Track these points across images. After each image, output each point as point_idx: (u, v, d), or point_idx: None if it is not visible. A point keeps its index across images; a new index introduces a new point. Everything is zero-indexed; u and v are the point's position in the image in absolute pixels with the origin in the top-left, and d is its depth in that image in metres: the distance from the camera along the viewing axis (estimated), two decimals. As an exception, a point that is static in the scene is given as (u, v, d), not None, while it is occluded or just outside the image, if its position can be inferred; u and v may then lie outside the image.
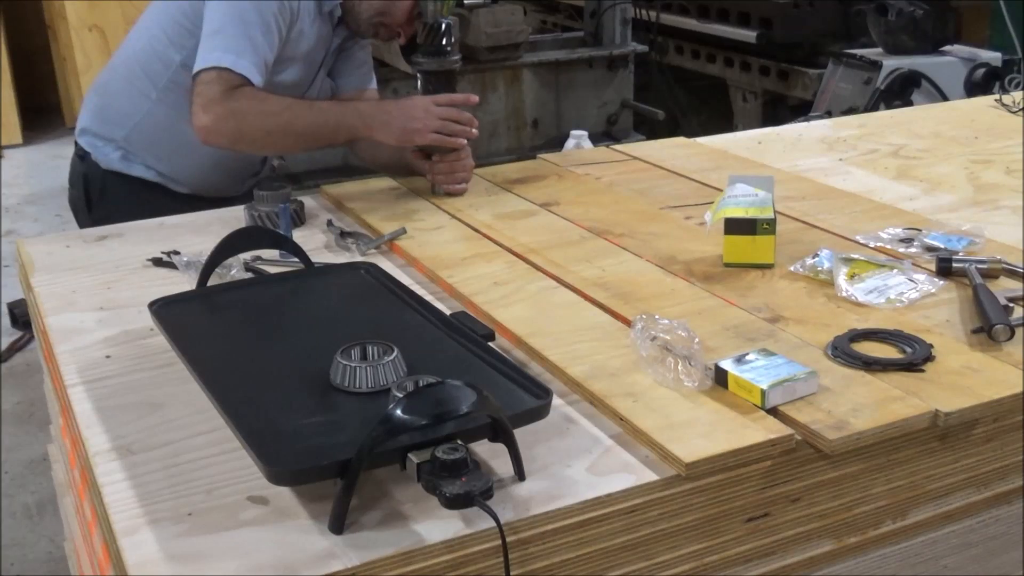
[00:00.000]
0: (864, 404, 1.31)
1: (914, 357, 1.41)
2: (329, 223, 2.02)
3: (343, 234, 1.95)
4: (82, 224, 2.34)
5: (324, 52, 2.24)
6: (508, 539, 1.09)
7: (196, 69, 2.01)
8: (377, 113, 2.07)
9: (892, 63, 4.58)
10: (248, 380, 1.34)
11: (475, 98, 2.13)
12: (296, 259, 1.71)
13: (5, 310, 4.17)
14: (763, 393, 1.29)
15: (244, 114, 2.00)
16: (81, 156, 2.33)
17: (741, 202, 1.78)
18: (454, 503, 1.07)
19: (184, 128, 2.07)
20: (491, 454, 1.22)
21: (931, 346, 1.43)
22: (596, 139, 4.07)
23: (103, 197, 2.31)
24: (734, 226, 1.75)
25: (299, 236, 1.92)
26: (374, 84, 2.40)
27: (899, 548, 1.40)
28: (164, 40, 2.17)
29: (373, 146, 2.21)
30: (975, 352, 1.45)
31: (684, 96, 6.12)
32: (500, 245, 1.88)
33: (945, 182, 2.23)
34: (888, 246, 1.82)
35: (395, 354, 1.31)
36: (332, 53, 2.28)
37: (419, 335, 1.45)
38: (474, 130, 2.12)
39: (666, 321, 1.42)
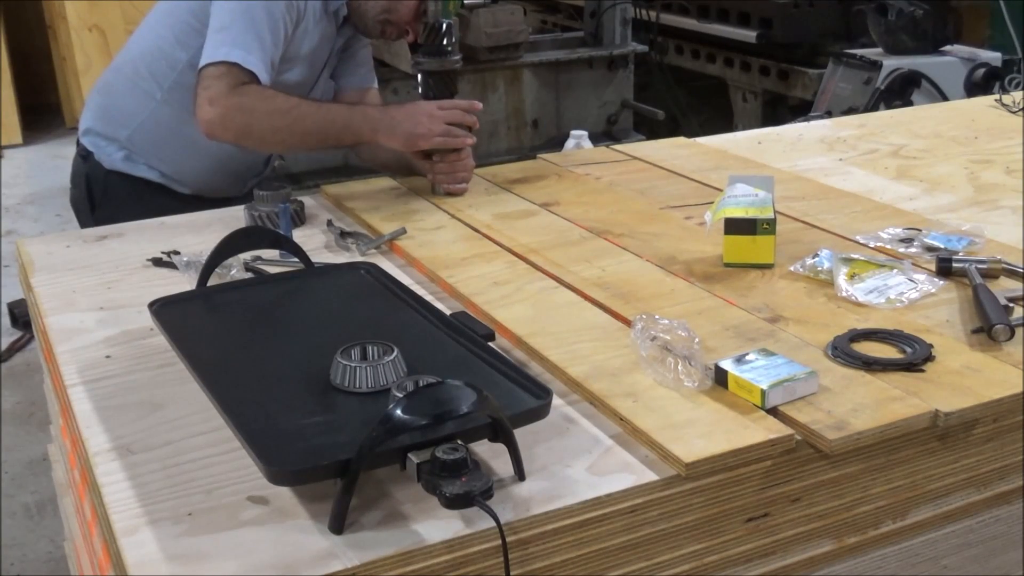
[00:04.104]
0: (864, 404, 1.31)
1: (914, 357, 1.41)
2: (329, 223, 2.03)
3: (343, 234, 1.95)
4: (84, 224, 2.34)
5: (328, 52, 2.25)
6: (508, 539, 1.09)
7: (203, 63, 2.01)
8: (383, 118, 2.08)
9: (892, 63, 4.58)
10: (248, 380, 1.34)
11: (479, 105, 2.13)
12: (296, 259, 1.71)
13: (5, 310, 4.18)
14: (763, 393, 1.29)
15: (252, 110, 2.00)
16: (84, 156, 2.33)
17: (741, 202, 1.78)
18: (454, 503, 1.07)
19: (188, 129, 2.07)
20: (491, 454, 1.22)
21: (931, 346, 1.43)
22: (596, 139, 4.07)
23: (106, 197, 2.31)
24: (734, 226, 1.75)
25: (299, 236, 1.92)
26: (375, 84, 2.41)
27: (899, 548, 1.40)
28: (171, 40, 2.17)
29: (373, 145, 2.21)
30: (975, 352, 1.45)
31: (684, 96, 6.12)
32: (500, 245, 1.88)
33: (945, 182, 2.23)
34: (888, 246, 1.82)
35: (395, 354, 1.31)
36: (336, 54, 2.28)
37: (419, 335, 1.45)
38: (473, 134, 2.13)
39: (666, 321, 1.42)
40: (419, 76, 2.17)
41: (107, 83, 2.34)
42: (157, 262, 1.86)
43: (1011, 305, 1.55)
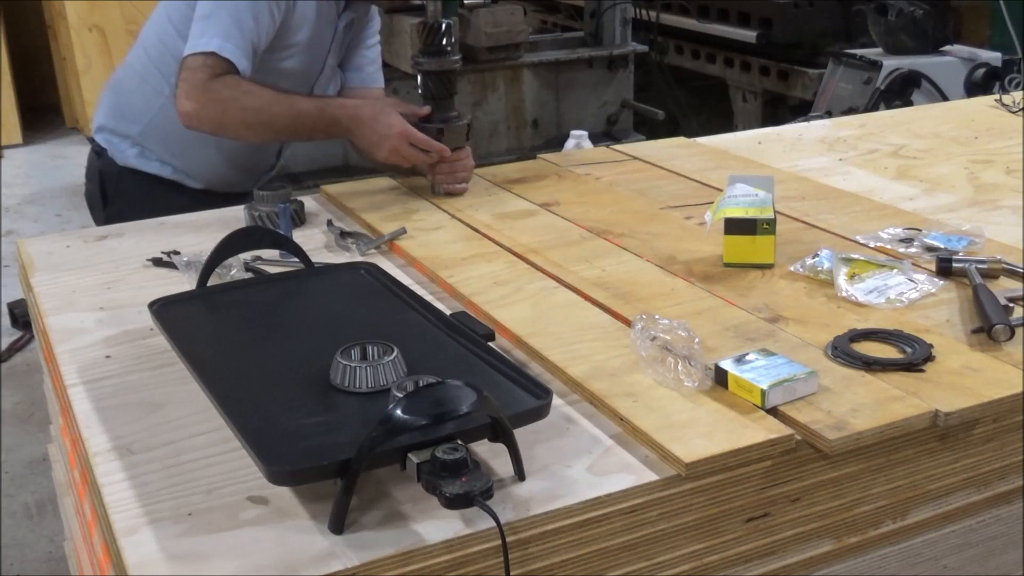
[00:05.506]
0: (864, 404, 1.31)
1: (914, 357, 1.41)
2: (329, 223, 2.03)
3: (343, 234, 1.95)
4: (97, 219, 2.40)
5: (330, 37, 2.25)
6: (508, 539, 1.09)
7: (185, 53, 2.03)
8: (350, 124, 2.09)
9: (892, 63, 4.58)
10: (248, 380, 1.34)
11: (448, 152, 2.11)
12: (296, 259, 1.71)
13: (5, 310, 4.18)
14: (763, 393, 1.29)
15: (225, 105, 2.03)
16: (97, 153, 2.37)
17: (741, 202, 1.78)
18: (454, 503, 1.07)
19: None
20: (491, 454, 1.22)
21: (931, 346, 1.43)
22: (596, 139, 4.07)
23: (118, 193, 2.35)
24: (734, 226, 1.75)
25: (299, 236, 1.92)
26: (381, 83, 2.42)
27: (899, 548, 1.40)
28: (173, 34, 2.19)
29: None
30: (975, 352, 1.45)
31: (684, 96, 6.12)
32: (500, 245, 1.87)
33: (945, 182, 2.23)
34: (888, 246, 1.82)
35: (395, 354, 1.31)
36: (340, 39, 2.28)
37: (419, 335, 1.45)
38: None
39: (666, 321, 1.42)
40: (419, 76, 2.17)
41: (118, 80, 2.38)
42: (157, 262, 1.86)
43: (1011, 305, 1.55)
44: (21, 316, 4.03)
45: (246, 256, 1.78)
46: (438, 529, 1.11)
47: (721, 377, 1.35)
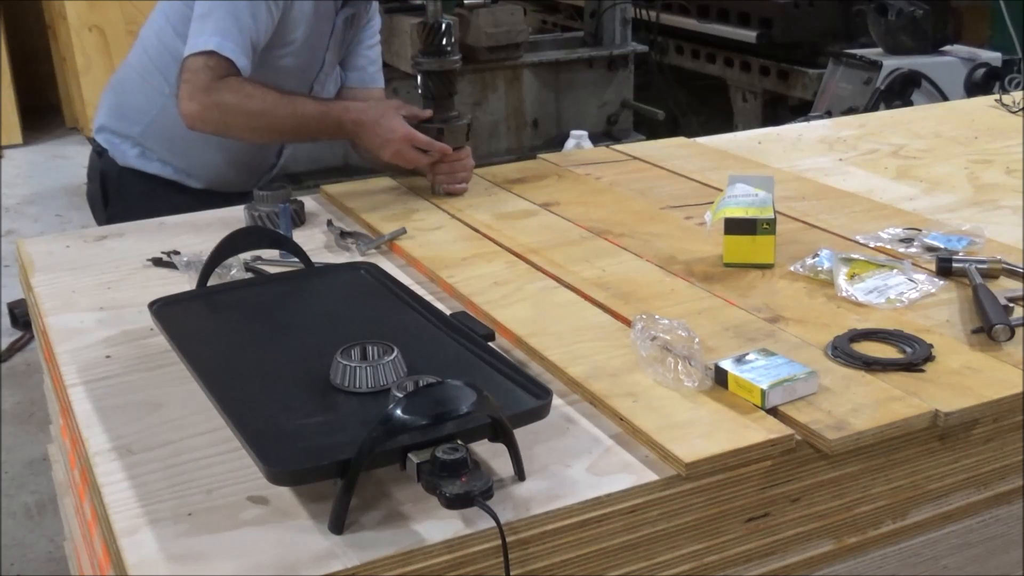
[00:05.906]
0: (864, 404, 1.31)
1: (914, 357, 1.41)
2: (329, 223, 2.03)
3: (343, 234, 1.95)
4: (98, 219, 2.40)
5: (328, 33, 2.25)
6: (508, 539, 1.09)
7: (185, 53, 2.04)
8: (354, 129, 2.10)
9: (892, 63, 4.58)
10: (248, 380, 1.34)
11: (450, 150, 2.13)
12: (296, 259, 1.71)
13: (5, 310, 4.18)
14: (763, 393, 1.29)
15: (228, 108, 2.04)
16: (99, 153, 2.38)
17: (741, 202, 1.78)
18: (454, 503, 1.07)
19: None
20: (491, 454, 1.22)
21: (931, 346, 1.43)
22: (596, 139, 4.07)
23: (120, 193, 2.36)
24: (734, 226, 1.75)
25: (299, 236, 1.92)
26: (382, 84, 2.42)
27: (899, 548, 1.40)
28: (172, 33, 2.19)
29: None
30: (975, 352, 1.45)
31: (684, 96, 6.12)
32: (500, 245, 1.88)
33: (945, 182, 2.23)
34: (888, 246, 1.82)
35: (395, 354, 1.31)
36: (339, 35, 2.28)
37: (419, 335, 1.45)
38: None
39: (666, 321, 1.42)
40: (419, 76, 2.17)
41: (119, 80, 2.38)
42: (157, 262, 1.86)
43: (1011, 305, 1.55)
44: (21, 316, 4.03)
45: (246, 256, 1.78)
46: (438, 529, 1.11)
47: (721, 377, 1.35)
